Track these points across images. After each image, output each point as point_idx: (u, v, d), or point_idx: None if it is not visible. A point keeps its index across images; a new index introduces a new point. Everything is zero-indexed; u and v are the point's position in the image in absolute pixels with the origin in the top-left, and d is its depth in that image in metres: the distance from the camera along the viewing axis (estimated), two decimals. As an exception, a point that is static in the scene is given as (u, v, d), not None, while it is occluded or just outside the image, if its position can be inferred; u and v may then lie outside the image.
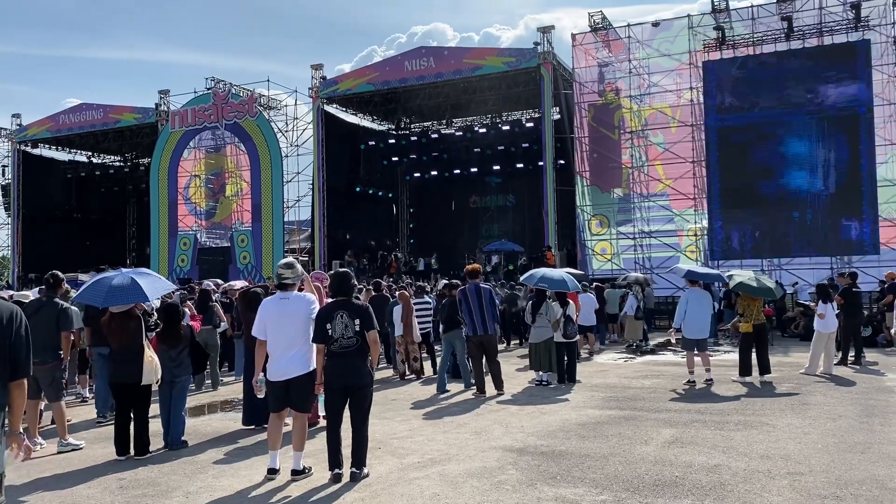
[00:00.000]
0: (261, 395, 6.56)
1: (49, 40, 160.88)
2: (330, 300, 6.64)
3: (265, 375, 6.45)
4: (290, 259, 6.85)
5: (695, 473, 6.17)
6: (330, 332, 6.19)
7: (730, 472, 6.21)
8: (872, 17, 22.03)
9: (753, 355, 11.60)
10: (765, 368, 11.53)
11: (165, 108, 32.49)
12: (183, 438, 7.67)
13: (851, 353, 13.37)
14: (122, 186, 40.21)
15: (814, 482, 5.87)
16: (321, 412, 8.19)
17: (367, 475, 6.23)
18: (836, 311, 12.61)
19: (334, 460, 6.18)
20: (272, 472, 6.36)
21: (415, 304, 12.97)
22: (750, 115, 22.93)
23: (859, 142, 21.57)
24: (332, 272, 6.82)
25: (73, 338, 8.49)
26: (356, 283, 7.14)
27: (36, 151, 37.56)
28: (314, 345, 6.33)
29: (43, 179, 37.09)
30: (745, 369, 11.44)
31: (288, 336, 6.34)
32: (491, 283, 17.12)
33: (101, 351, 9.20)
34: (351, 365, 6.19)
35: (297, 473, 6.31)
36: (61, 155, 38.93)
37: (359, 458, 6.20)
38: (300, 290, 6.75)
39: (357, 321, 6.21)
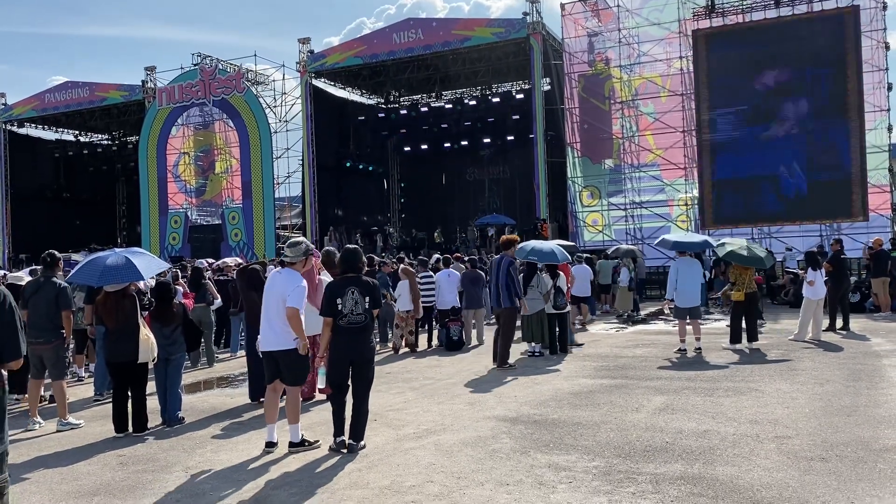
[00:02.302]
0: None
1: (32, 17, 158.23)
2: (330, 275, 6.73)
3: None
4: (299, 238, 7.00)
5: (685, 439, 6.30)
6: (340, 306, 6.27)
7: (719, 436, 6.34)
8: (862, -17, 21.91)
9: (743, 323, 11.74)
10: (752, 335, 11.70)
11: (152, 85, 32.15)
12: (180, 415, 7.75)
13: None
14: (110, 165, 39.94)
15: (801, 445, 6.01)
16: (319, 384, 8.28)
17: (364, 447, 6.34)
18: (825, 278, 12.75)
19: (339, 428, 6.34)
20: (270, 445, 6.45)
21: (418, 278, 12.99)
22: (739, 81, 22.82)
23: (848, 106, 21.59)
24: (345, 247, 6.91)
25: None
26: (365, 259, 7.28)
27: (22, 131, 37.25)
28: (303, 320, 6.41)
29: (30, 159, 36.88)
30: (735, 337, 11.59)
31: (268, 308, 6.50)
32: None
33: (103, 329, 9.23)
34: (357, 340, 6.32)
35: (295, 446, 6.40)
36: (48, 134, 38.63)
37: (357, 432, 6.33)
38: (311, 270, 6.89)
39: (367, 298, 6.31)
